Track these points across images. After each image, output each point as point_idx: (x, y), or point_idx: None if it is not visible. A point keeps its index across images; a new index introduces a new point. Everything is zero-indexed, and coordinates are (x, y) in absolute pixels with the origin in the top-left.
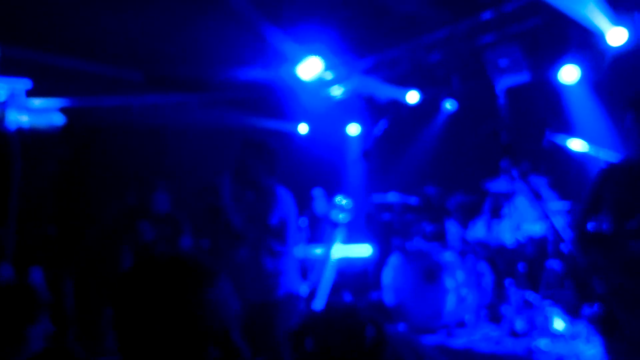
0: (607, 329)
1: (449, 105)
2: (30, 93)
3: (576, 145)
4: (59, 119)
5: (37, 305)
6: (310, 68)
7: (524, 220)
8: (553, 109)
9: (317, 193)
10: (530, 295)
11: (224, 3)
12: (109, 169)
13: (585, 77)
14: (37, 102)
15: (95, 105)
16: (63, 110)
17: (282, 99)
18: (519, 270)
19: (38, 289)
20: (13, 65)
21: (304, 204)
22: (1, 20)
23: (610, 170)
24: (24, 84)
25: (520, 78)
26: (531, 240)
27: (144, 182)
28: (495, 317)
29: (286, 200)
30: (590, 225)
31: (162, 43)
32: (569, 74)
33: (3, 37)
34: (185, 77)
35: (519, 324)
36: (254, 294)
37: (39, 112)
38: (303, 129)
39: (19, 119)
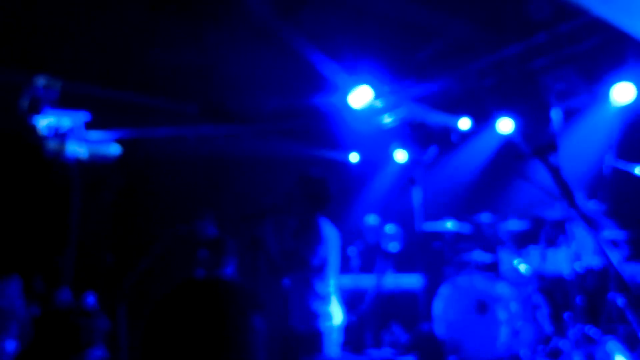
0: None
1: (501, 130)
2: (88, 125)
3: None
4: (115, 150)
5: (95, 330)
6: (360, 97)
7: (583, 250)
8: (613, 133)
9: (370, 221)
10: (591, 330)
11: (275, 35)
12: (163, 198)
13: None
14: (95, 133)
15: (151, 137)
16: (119, 141)
17: (334, 129)
18: (578, 302)
19: (96, 314)
20: (73, 99)
21: (356, 233)
22: (62, 56)
23: None
24: (83, 116)
25: (577, 101)
26: (591, 271)
27: (195, 212)
28: (552, 352)
29: (331, 239)
30: None
31: (216, 75)
32: (624, 93)
33: (64, 72)
34: (238, 108)
35: None
36: (292, 324)
37: (96, 144)
38: (354, 157)
39: (78, 150)
